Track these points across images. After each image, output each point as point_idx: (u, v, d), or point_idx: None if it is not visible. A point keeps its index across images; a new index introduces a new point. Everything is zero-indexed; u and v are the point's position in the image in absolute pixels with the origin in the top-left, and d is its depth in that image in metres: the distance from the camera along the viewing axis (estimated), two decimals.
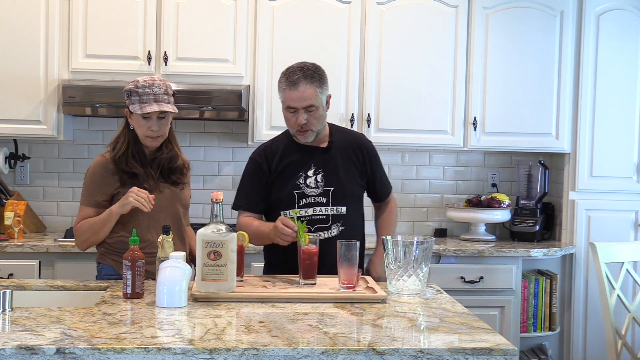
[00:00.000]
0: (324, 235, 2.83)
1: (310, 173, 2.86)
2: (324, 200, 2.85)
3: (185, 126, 4.27)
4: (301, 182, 2.86)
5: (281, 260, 2.86)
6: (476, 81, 4.17)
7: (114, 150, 2.80)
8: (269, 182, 2.90)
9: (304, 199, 2.85)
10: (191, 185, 3.04)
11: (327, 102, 2.86)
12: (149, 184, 2.78)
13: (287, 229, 2.61)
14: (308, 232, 2.67)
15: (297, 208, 2.84)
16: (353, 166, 2.91)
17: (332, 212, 2.85)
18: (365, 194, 3.04)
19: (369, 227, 3.12)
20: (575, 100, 4.22)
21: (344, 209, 2.86)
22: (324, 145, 2.90)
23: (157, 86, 2.76)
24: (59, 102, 3.94)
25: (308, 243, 2.59)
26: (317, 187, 2.85)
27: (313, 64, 2.84)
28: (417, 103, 4.15)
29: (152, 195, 2.71)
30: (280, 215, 2.86)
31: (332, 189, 2.85)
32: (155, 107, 2.73)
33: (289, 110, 2.79)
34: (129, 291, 2.37)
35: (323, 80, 2.81)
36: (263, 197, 2.89)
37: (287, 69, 2.83)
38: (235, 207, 2.96)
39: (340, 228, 2.85)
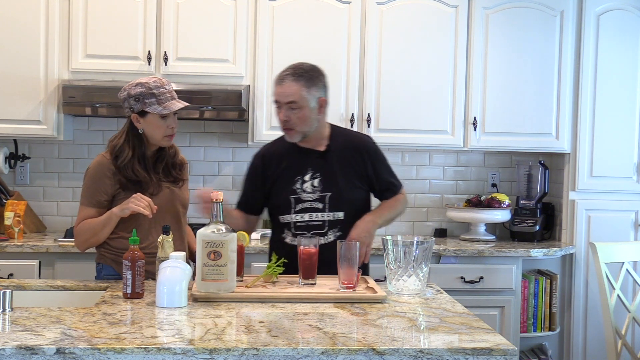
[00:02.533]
0: (320, 241, 2.76)
1: (306, 178, 2.83)
2: (320, 205, 2.82)
3: (185, 126, 4.27)
4: (298, 186, 2.83)
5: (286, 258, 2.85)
6: (476, 81, 4.17)
7: (116, 158, 2.75)
8: (266, 185, 2.90)
9: (300, 204, 2.82)
10: (191, 185, 3.04)
11: (321, 106, 2.81)
12: (152, 188, 2.77)
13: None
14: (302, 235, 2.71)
15: (294, 213, 2.83)
16: (352, 170, 2.86)
17: (328, 218, 2.82)
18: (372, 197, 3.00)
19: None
20: (575, 100, 4.22)
21: (341, 215, 2.83)
22: (322, 148, 2.87)
23: (167, 84, 2.78)
24: (59, 102, 3.94)
25: None
26: (314, 192, 2.82)
27: (311, 66, 2.83)
28: (417, 103, 4.15)
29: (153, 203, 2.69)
30: (279, 220, 2.86)
31: (329, 194, 2.82)
32: (179, 105, 2.75)
33: (275, 105, 2.82)
34: (129, 291, 2.37)
35: (313, 81, 2.77)
36: (257, 199, 2.91)
37: (285, 67, 2.85)
38: (236, 205, 3.01)
39: (338, 234, 2.82)
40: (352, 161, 2.87)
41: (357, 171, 2.87)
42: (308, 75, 2.77)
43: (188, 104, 2.82)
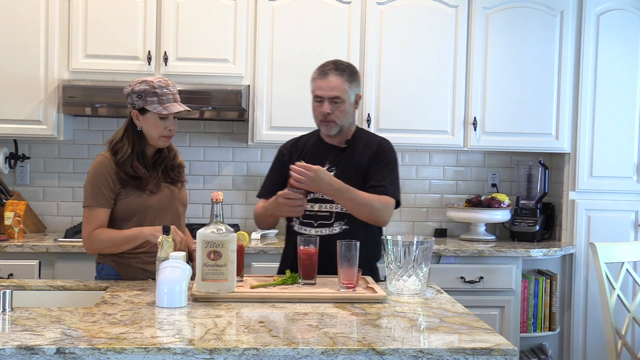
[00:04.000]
0: (325, 232, 2.83)
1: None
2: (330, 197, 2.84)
3: (185, 126, 4.27)
4: None
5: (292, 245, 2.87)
6: (476, 81, 4.17)
7: (115, 154, 2.76)
8: (286, 174, 2.88)
9: (311, 194, 2.84)
10: (191, 185, 3.05)
11: (357, 102, 2.90)
12: (152, 186, 2.77)
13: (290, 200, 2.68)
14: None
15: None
16: (365, 169, 2.90)
17: (336, 210, 2.85)
18: None
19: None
20: (575, 100, 4.22)
21: None
22: (343, 145, 2.93)
23: (172, 86, 2.78)
24: (59, 102, 3.94)
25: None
26: None
27: (349, 62, 2.94)
28: (417, 103, 4.15)
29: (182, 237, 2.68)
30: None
31: None
32: (179, 107, 2.75)
33: (316, 99, 2.85)
34: None
35: (354, 77, 2.87)
36: (281, 187, 2.82)
37: (324, 62, 2.91)
38: (258, 194, 3.02)
39: (344, 227, 2.84)
40: (367, 161, 2.90)
41: (366, 171, 2.90)
42: (349, 71, 2.87)
43: (189, 109, 2.81)
